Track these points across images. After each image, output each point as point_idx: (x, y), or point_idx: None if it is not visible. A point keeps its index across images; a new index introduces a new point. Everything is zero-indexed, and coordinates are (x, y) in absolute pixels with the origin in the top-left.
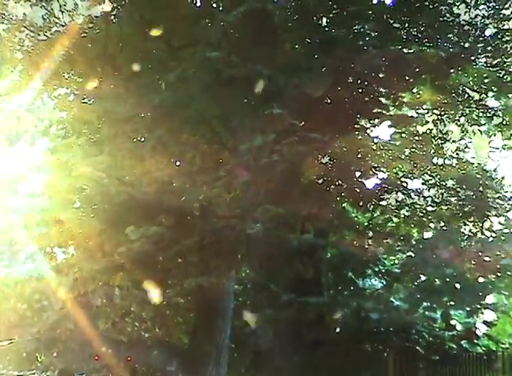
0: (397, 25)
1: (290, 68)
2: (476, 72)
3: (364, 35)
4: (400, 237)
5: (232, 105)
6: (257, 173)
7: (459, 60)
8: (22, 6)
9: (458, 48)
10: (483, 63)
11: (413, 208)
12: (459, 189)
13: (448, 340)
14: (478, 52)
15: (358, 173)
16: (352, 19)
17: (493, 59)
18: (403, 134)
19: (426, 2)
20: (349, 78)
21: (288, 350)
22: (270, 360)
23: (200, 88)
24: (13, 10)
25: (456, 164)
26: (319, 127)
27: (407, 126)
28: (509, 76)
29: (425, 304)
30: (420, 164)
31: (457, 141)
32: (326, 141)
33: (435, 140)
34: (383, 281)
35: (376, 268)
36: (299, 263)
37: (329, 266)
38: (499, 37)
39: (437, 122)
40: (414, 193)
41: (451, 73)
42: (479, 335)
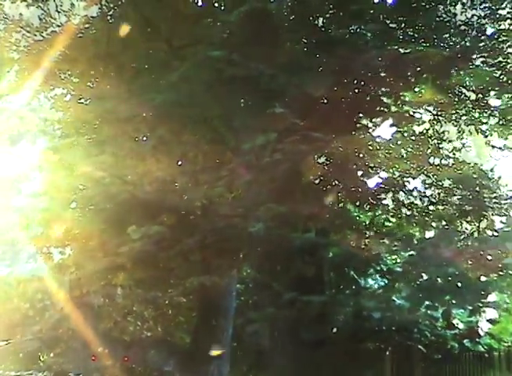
0: (394, 25)
1: (291, 67)
2: (473, 72)
3: (364, 35)
4: (402, 236)
5: (233, 104)
6: (259, 172)
7: (457, 60)
8: (18, 6)
9: (456, 48)
10: (480, 63)
11: (413, 208)
12: (455, 189)
13: (450, 339)
14: (476, 52)
15: (359, 172)
16: (353, 19)
17: (491, 59)
18: (405, 133)
19: (423, 2)
20: (350, 78)
21: (290, 349)
22: (272, 359)
23: (202, 87)
24: (9, 10)
25: (453, 164)
26: (321, 126)
27: (409, 125)
28: (506, 76)
29: (427, 303)
30: (417, 164)
31: (454, 141)
32: (328, 140)
33: (432, 140)
34: (384, 280)
35: (377, 267)
36: (301, 262)
37: (330, 265)
38: (496, 37)
39: (433, 122)
40: (414, 193)
41: (452, 72)
42: (481, 334)
